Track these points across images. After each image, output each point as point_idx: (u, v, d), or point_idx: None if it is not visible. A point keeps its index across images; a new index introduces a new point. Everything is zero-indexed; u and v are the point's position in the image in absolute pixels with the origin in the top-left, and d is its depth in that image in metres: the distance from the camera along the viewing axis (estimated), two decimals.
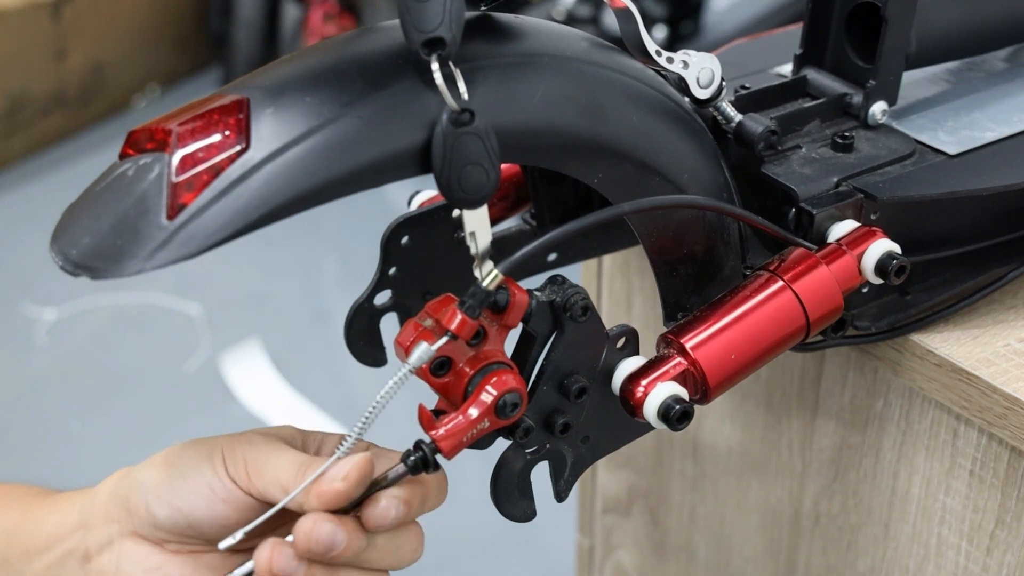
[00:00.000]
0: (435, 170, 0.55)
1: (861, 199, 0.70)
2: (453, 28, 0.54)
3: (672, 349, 0.65)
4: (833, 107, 0.76)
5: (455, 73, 0.55)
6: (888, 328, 0.74)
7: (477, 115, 0.54)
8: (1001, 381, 0.71)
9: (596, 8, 2.52)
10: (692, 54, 0.67)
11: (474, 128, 0.54)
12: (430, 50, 0.54)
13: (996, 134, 0.77)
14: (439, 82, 0.54)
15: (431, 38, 0.54)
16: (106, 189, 0.55)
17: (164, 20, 3.17)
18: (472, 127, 0.54)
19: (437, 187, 0.55)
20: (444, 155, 0.54)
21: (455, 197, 0.55)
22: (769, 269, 0.67)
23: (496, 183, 0.56)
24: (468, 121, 0.54)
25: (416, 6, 0.54)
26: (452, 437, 0.58)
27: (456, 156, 0.54)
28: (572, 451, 0.65)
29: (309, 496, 0.58)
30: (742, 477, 0.92)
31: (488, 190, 0.55)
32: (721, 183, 0.67)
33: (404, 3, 0.54)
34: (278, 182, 0.53)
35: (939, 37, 0.79)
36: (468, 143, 0.54)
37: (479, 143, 0.54)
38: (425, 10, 0.54)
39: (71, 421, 2.09)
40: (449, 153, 0.54)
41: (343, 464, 0.58)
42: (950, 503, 0.77)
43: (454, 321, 0.57)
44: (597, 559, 1.09)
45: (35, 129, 2.92)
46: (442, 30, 0.54)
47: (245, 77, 0.57)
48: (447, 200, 0.56)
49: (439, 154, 0.54)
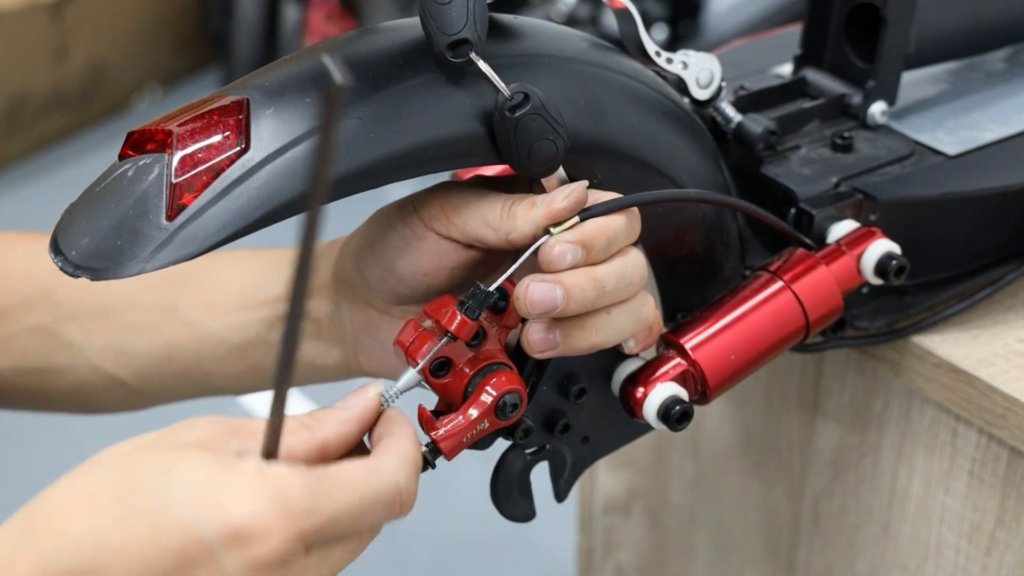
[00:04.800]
0: (505, 157, 0.56)
1: (860, 199, 0.70)
2: (478, 28, 0.55)
3: (672, 350, 0.65)
4: (832, 107, 0.76)
5: (486, 68, 0.56)
6: (887, 329, 0.74)
7: (531, 95, 0.55)
8: (1000, 381, 0.71)
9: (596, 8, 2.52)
10: (692, 54, 0.67)
11: (532, 107, 0.55)
12: (456, 51, 0.55)
13: (996, 134, 0.77)
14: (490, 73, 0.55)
15: (457, 39, 0.54)
16: (106, 190, 0.55)
17: (164, 20, 3.17)
18: (529, 107, 0.55)
19: (512, 169, 0.57)
20: (511, 141, 0.56)
21: (531, 172, 0.57)
22: (769, 270, 0.67)
23: (565, 144, 0.57)
24: (523, 103, 0.55)
25: (438, 9, 0.54)
26: (452, 438, 0.58)
27: (522, 139, 0.56)
28: (572, 451, 0.65)
29: (520, 222, 0.58)
30: (742, 477, 0.92)
31: (560, 155, 0.57)
32: (721, 183, 0.67)
33: (426, 6, 0.54)
34: (278, 183, 0.53)
35: (939, 37, 0.79)
36: (529, 124, 0.55)
37: (539, 120, 0.56)
38: (448, 12, 0.54)
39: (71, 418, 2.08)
40: (514, 137, 0.55)
41: (563, 188, 0.58)
42: (949, 503, 0.77)
43: (454, 322, 0.57)
44: (597, 559, 1.09)
45: (35, 129, 2.92)
46: (467, 31, 0.54)
47: (245, 77, 0.57)
48: (524, 175, 0.58)
49: (505, 141, 0.56)
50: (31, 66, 2.85)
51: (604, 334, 0.59)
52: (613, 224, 0.58)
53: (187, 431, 0.52)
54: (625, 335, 0.60)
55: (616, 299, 0.59)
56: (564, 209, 0.57)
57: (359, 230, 0.65)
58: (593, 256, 0.58)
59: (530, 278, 0.57)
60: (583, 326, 0.59)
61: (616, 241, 0.58)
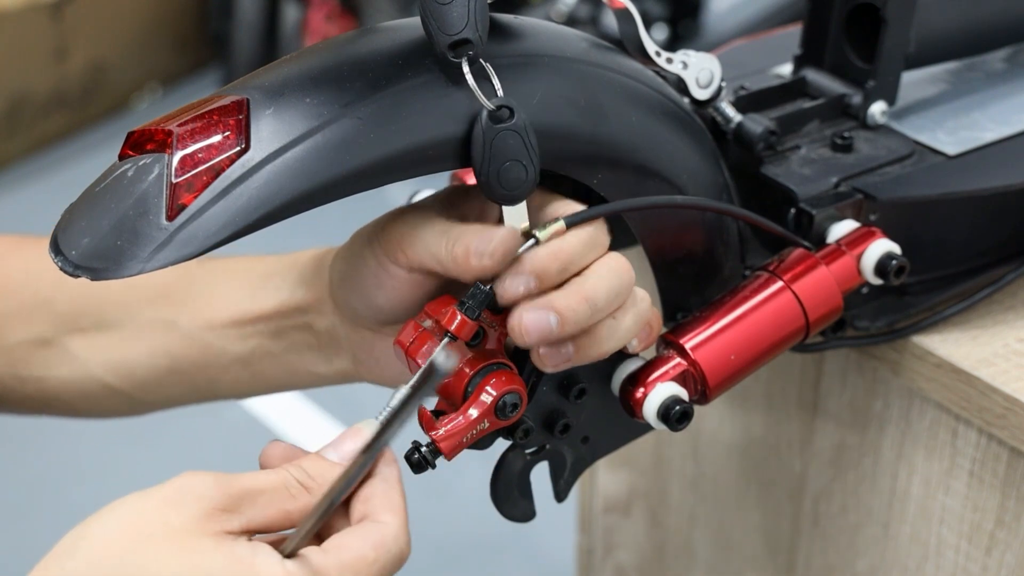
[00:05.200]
0: (475, 167, 0.55)
1: (860, 199, 0.70)
2: (479, 28, 0.54)
3: (672, 350, 0.65)
4: (832, 107, 0.76)
5: (488, 71, 0.55)
6: (887, 329, 0.74)
7: (516, 111, 0.55)
8: (1000, 381, 0.71)
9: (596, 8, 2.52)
10: (692, 54, 0.67)
11: (513, 124, 0.55)
12: (457, 52, 0.54)
13: (996, 134, 0.77)
14: (471, 81, 0.55)
15: (458, 40, 0.54)
16: (106, 190, 0.54)
17: (164, 20, 3.17)
18: (511, 123, 0.55)
19: (478, 183, 0.56)
20: (483, 152, 0.55)
21: (495, 193, 0.56)
22: (768, 269, 0.67)
23: (535, 179, 0.56)
24: (507, 117, 0.55)
25: (439, 8, 0.54)
26: (452, 438, 0.58)
27: (495, 153, 0.55)
28: (572, 451, 0.65)
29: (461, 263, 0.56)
30: (742, 477, 0.92)
31: (528, 186, 0.56)
32: (721, 184, 0.67)
33: (427, 6, 0.54)
34: (278, 183, 0.53)
35: (939, 37, 0.79)
36: (507, 139, 0.55)
37: (518, 139, 0.55)
38: (449, 12, 0.54)
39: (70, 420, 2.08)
40: (488, 150, 0.55)
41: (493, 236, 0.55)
42: (949, 503, 0.77)
43: (454, 322, 0.57)
44: (597, 559, 1.09)
45: (35, 129, 2.92)
46: (468, 31, 0.54)
47: (245, 77, 0.57)
48: (487, 196, 0.56)
49: (479, 151, 0.55)
50: (31, 66, 2.85)
51: (613, 340, 0.59)
52: (568, 245, 0.57)
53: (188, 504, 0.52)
54: (631, 337, 0.60)
55: (612, 308, 0.58)
56: (488, 266, 0.56)
57: (339, 256, 0.65)
58: (548, 282, 0.56)
59: (521, 308, 0.56)
60: (593, 336, 0.58)
61: (574, 262, 0.57)
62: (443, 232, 0.58)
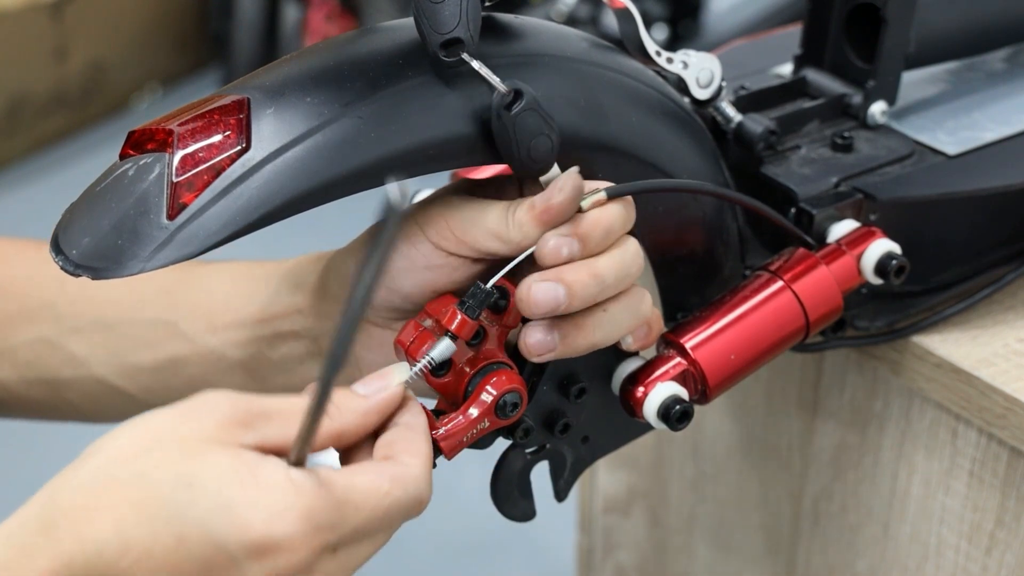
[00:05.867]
0: (505, 154, 0.56)
1: (860, 199, 0.70)
2: (471, 28, 0.55)
3: (672, 349, 0.65)
4: (832, 107, 0.76)
5: (481, 67, 0.56)
6: (887, 329, 0.74)
7: (525, 91, 0.55)
8: (1000, 381, 0.71)
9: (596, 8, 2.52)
10: (692, 54, 0.67)
11: (527, 103, 0.55)
12: (448, 51, 0.55)
13: (996, 134, 0.77)
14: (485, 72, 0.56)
15: (449, 39, 0.54)
16: (106, 189, 0.55)
17: (164, 20, 3.17)
18: (524, 103, 0.55)
19: (511, 167, 0.57)
20: (511, 138, 0.56)
21: (531, 170, 0.57)
22: (769, 269, 0.67)
23: (558, 142, 0.57)
24: (519, 99, 0.55)
25: (431, 8, 0.54)
26: (452, 437, 0.58)
27: (520, 135, 0.56)
28: (572, 451, 0.65)
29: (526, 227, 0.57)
30: (742, 477, 0.92)
31: (555, 151, 0.57)
32: (721, 183, 0.67)
33: (420, 5, 0.54)
34: (278, 182, 0.53)
35: (939, 37, 0.79)
36: (527, 120, 0.56)
37: (535, 116, 0.56)
38: (441, 11, 0.54)
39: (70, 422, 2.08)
40: (514, 134, 0.55)
41: (556, 181, 0.57)
42: (949, 503, 0.77)
43: (454, 321, 0.57)
44: (597, 559, 1.09)
45: (35, 129, 2.92)
46: (459, 31, 0.54)
47: (245, 77, 0.57)
48: (523, 175, 0.58)
49: (505, 139, 0.56)
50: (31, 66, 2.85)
51: (602, 332, 0.59)
52: (609, 214, 0.57)
53: (201, 417, 0.52)
54: (623, 332, 0.60)
55: (616, 291, 0.58)
56: (562, 202, 0.56)
57: (352, 249, 0.65)
58: (590, 248, 0.57)
59: (531, 278, 0.56)
60: (580, 326, 0.58)
61: (613, 231, 0.58)
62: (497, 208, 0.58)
